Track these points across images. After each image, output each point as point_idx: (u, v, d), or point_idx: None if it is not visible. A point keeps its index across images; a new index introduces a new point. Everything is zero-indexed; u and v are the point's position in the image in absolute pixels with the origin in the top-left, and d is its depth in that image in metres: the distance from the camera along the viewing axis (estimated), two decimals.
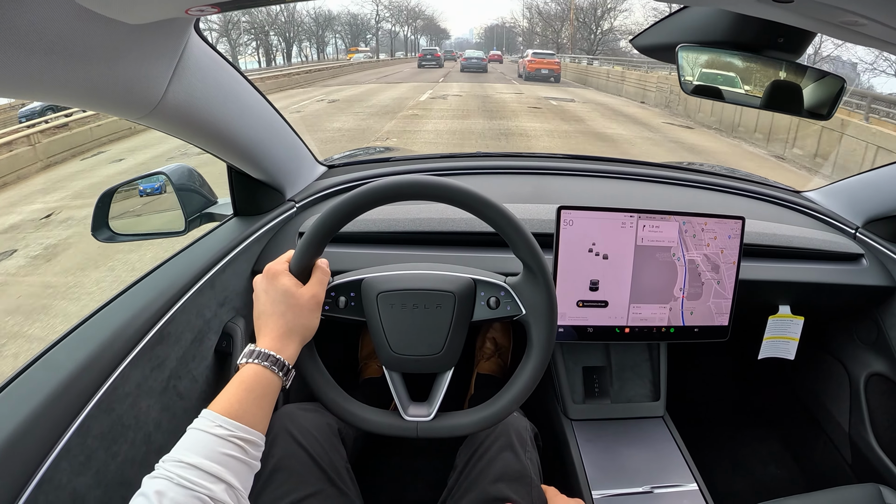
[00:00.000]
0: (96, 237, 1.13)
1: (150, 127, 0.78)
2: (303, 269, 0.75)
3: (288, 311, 0.71)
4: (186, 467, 0.56)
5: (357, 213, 0.74)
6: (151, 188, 1.17)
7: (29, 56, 0.50)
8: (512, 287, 0.78)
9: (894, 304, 1.30)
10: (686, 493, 1.06)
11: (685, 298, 1.10)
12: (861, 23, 0.56)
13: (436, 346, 0.78)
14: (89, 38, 0.54)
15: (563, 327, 1.09)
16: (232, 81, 0.88)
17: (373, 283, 0.79)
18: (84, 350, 0.73)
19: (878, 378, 1.37)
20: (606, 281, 1.07)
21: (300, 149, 1.24)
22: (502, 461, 0.89)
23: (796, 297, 1.28)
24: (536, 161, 1.58)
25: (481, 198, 0.73)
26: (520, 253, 0.75)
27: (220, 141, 0.91)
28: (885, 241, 1.32)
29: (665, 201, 1.40)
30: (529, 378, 0.78)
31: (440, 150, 7.93)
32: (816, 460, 1.56)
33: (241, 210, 1.13)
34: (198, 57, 0.75)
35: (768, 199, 1.48)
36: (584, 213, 1.04)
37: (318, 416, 0.94)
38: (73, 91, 0.60)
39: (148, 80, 0.67)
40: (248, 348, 0.69)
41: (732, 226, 1.08)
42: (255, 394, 0.66)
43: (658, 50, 0.86)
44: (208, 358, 0.99)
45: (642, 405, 1.26)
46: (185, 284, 0.92)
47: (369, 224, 1.16)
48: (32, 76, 0.53)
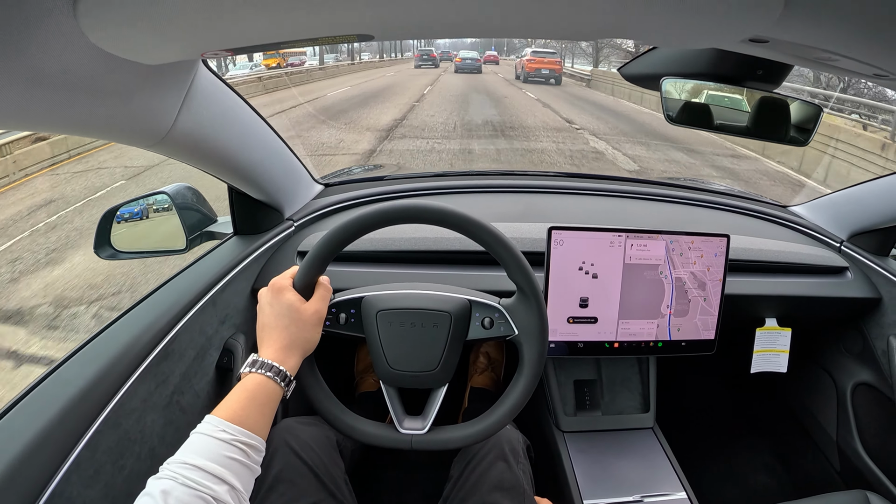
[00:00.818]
0: (99, 255, 1.14)
1: (160, 153, 0.81)
2: (306, 285, 0.78)
3: (291, 324, 0.74)
4: (191, 468, 0.58)
5: (359, 235, 0.77)
6: (152, 206, 1.19)
7: (53, 94, 0.53)
8: (506, 308, 0.81)
9: (879, 316, 1.33)
10: (675, 502, 1.08)
11: (672, 315, 1.13)
12: (834, 58, 0.60)
13: (431, 363, 0.81)
14: (109, 78, 0.57)
15: (554, 343, 1.12)
16: (235, 107, 0.92)
17: (373, 301, 0.82)
18: (94, 366, 0.76)
19: (865, 387, 1.40)
20: (596, 298, 1.10)
21: (298, 168, 1.27)
22: (496, 471, 0.92)
23: (783, 309, 1.31)
24: (528, 179, 1.61)
25: (477, 223, 0.76)
26: (513, 275, 0.79)
27: (224, 164, 0.94)
28: (869, 254, 1.35)
29: (653, 219, 1.42)
30: (520, 394, 0.81)
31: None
32: (805, 468, 1.59)
33: (241, 229, 1.15)
34: (205, 87, 0.79)
35: (754, 215, 1.51)
36: (574, 233, 1.07)
37: (317, 430, 0.97)
38: (91, 124, 0.63)
39: (159, 112, 0.70)
40: (250, 358, 0.72)
41: (718, 244, 1.11)
42: (258, 401, 0.68)
43: (644, 79, 0.89)
44: (210, 373, 1.01)
45: (632, 417, 1.29)
46: (188, 302, 0.94)
47: (367, 243, 1.18)
48: (54, 111, 0.56)
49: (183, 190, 1.18)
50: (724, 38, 0.57)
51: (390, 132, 9.58)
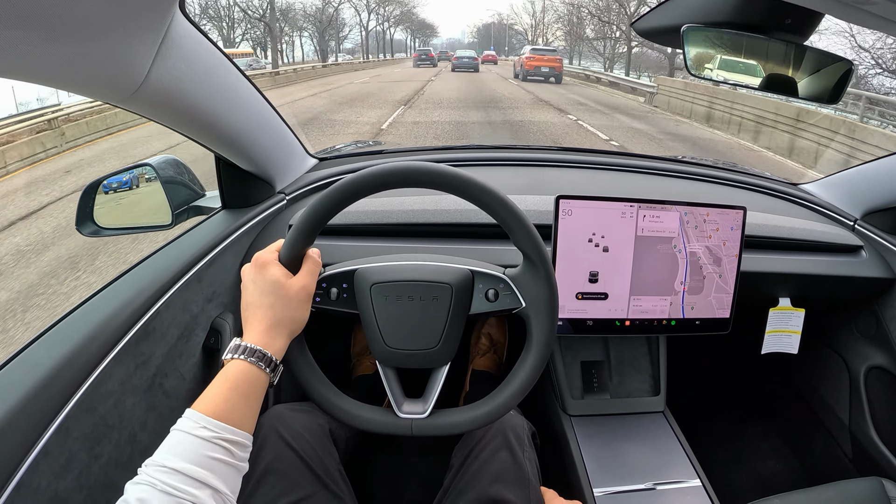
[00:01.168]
0: (80, 231, 1.09)
1: (133, 111, 0.75)
2: (293, 258, 0.72)
3: (276, 302, 0.68)
4: (170, 472, 0.54)
5: (350, 201, 0.71)
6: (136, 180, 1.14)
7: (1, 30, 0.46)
8: (511, 279, 0.76)
9: (893, 297, 1.30)
10: (689, 490, 1.04)
11: (686, 292, 1.08)
12: (874, 1, 0.54)
13: (432, 341, 0.75)
14: (66, 11, 0.50)
15: (561, 320, 1.06)
16: (220, 66, 0.85)
17: (366, 273, 0.75)
18: (64, 347, 0.70)
19: (878, 371, 1.36)
20: (606, 272, 1.05)
21: (291, 140, 1.21)
22: (499, 461, 0.87)
23: (796, 289, 1.27)
24: (532, 153, 1.56)
25: (479, 184, 0.70)
26: (519, 243, 0.73)
27: (207, 128, 0.88)
28: (884, 232, 1.31)
29: (664, 193, 1.38)
30: (529, 374, 0.75)
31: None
32: (817, 454, 1.56)
33: (229, 203, 1.10)
34: (182, 37, 0.72)
35: (767, 192, 1.47)
36: (584, 202, 1.02)
37: (309, 417, 0.91)
38: (47, 69, 0.56)
39: (129, 60, 0.63)
40: (233, 343, 0.66)
41: (735, 216, 1.07)
42: (241, 392, 0.63)
43: (662, 33, 0.83)
44: (196, 354, 0.95)
45: (642, 400, 1.25)
46: (170, 278, 0.88)
47: (362, 216, 1.13)
48: (4, 53, 0.49)
49: (168, 162, 1.14)
50: None
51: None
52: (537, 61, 21.64)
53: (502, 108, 13.11)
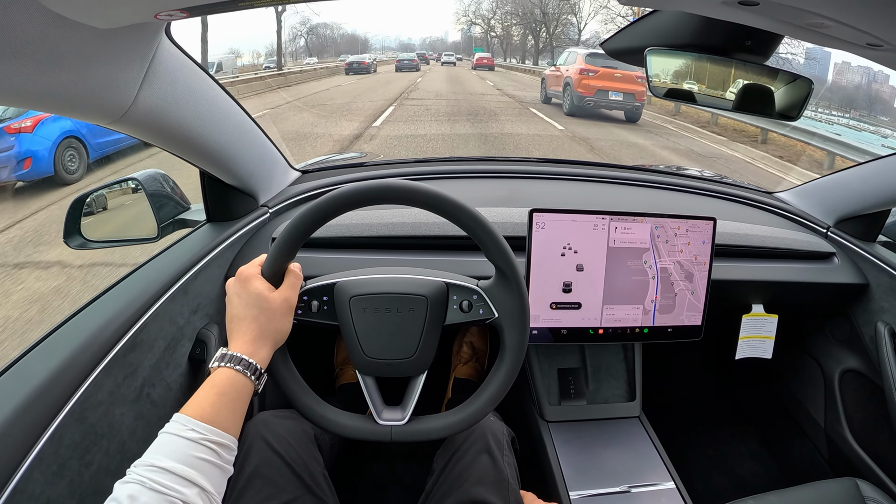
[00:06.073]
0: (68, 244, 1.11)
1: (122, 132, 0.77)
2: (275, 272, 0.74)
3: (260, 314, 0.71)
4: (158, 471, 0.56)
5: (330, 217, 0.74)
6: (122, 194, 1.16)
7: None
8: (484, 290, 0.79)
9: (866, 302, 1.32)
10: (663, 492, 1.07)
11: (657, 312, 1.11)
12: (826, 25, 0.57)
13: (409, 350, 0.78)
14: (58, 43, 0.53)
15: (536, 329, 1.09)
16: (203, 86, 0.88)
17: (345, 287, 0.78)
18: (55, 358, 0.72)
19: (852, 374, 1.39)
20: (579, 283, 1.08)
21: (273, 154, 1.23)
22: (480, 465, 0.89)
23: (769, 295, 1.30)
24: (510, 165, 1.58)
25: (453, 201, 0.73)
26: (491, 256, 0.76)
27: (192, 146, 0.90)
28: (856, 239, 1.34)
29: (638, 204, 1.40)
30: (503, 381, 0.78)
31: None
32: (794, 456, 1.58)
33: (213, 216, 1.12)
34: (168, 62, 0.74)
35: (740, 201, 1.50)
36: (556, 215, 1.05)
37: (294, 423, 0.93)
38: (41, 96, 0.59)
39: (118, 86, 0.66)
40: (219, 352, 0.69)
41: (705, 229, 1.09)
42: (228, 397, 0.65)
43: (628, 53, 0.86)
44: (182, 365, 0.98)
45: (618, 405, 1.27)
46: (157, 291, 0.90)
47: (342, 229, 1.15)
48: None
49: (153, 176, 1.16)
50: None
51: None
52: (604, 80, 10.53)
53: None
